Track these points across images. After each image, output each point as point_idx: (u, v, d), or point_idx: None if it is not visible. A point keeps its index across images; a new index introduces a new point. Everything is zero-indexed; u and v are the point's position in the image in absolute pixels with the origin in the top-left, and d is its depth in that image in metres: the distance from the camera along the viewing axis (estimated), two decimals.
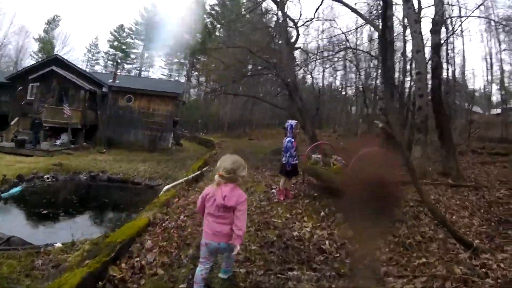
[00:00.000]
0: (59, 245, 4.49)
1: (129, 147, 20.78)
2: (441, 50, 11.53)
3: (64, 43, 49.88)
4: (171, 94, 23.41)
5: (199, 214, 5.01)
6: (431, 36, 9.84)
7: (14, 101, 21.08)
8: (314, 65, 23.98)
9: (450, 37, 19.39)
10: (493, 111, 33.80)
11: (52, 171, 12.56)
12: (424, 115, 9.05)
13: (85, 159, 15.70)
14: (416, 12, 11.36)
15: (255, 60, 16.35)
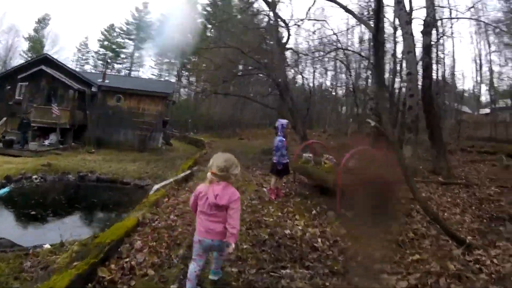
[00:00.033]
0: (47, 246, 4.42)
1: (119, 147, 20.48)
2: (432, 51, 11.60)
3: (54, 42, 49.19)
4: (161, 94, 23.19)
5: (189, 213, 5.00)
6: (422, 37, 9.91)
7: (2, 100, 20.53)
8: (305, 65, 24.06)
9: (441, 38, 19.64)
10: (482, 111, 34.33)
11: (41, 172, 12.33)
12: (414, 114, 9.10)
13: (74, 159, 15.46)
14: (407, 13, 11.44)
15: (246, 60, 16.29)
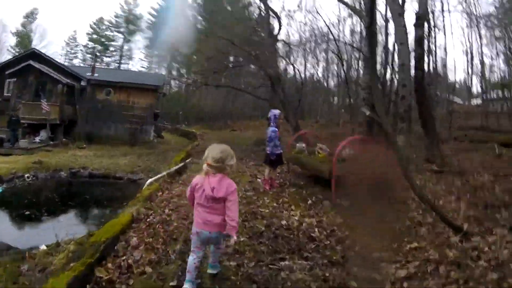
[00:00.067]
0: (43, 247, 4.37)
1: (110, 141, 20.18)
2: (424, 43, 11.58)
3: (42, 37, 48.24)
4: (151, 86, 22.91)
5: (184, 207, 4.92)
6: (414, 30, 9.86)
7: None
8: (297, 56, 23.96)
9: (432, 31, 19.70)
10: (473, 101, 34.72)
11: (32, 170, 12.24)
12: (407, 104, 9.10)
13: (65, 155, 15.28)
14: (400, 5, 11.38)
15: (237, 52, 16.14)
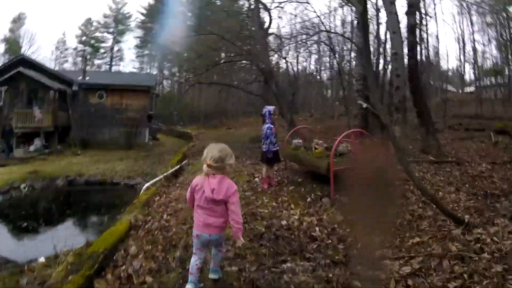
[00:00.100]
0: (42, 260, 4.26)
1: (105, 146, 19.93)
2: (416, 31, 11.54)
3: (31, 42, 47.24)
4: (144, 87, 22.72)
5: (182, 211, 4.86)
6: (406, 18, 9.81)
7: None
8: (288, 50, 23.80)
9: (424, 19, 19.65)
10: (467, 89, 34.78)
11: (28, 180, 12.08)
12: (402, 95, 9.07)
13: (60, 163, 15.13)
14: None
15: (228, 47, 15.99)
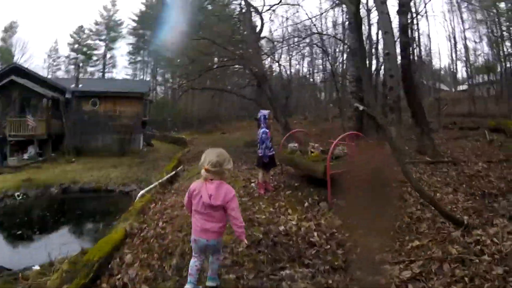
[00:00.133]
0: (36, 268, 4.26)
1: (99, 153, 19.81)
2: (408, 31, 11.60)
3: (23, 50, 46.91)
4: (137, 94, 22.65)
5: (178, 218, 4.78)
6: (398, 17, 9.84)
7: None
8: (281, 53, 23.83)
9: (415, 18, 19.76)
10: (459, 87, 34.98)
11: (22, 188, 12.09)
12: (396, 95, 9.05)
13: (54, 171, 15.02)
14: None
15: (221, 52, 15.94)
